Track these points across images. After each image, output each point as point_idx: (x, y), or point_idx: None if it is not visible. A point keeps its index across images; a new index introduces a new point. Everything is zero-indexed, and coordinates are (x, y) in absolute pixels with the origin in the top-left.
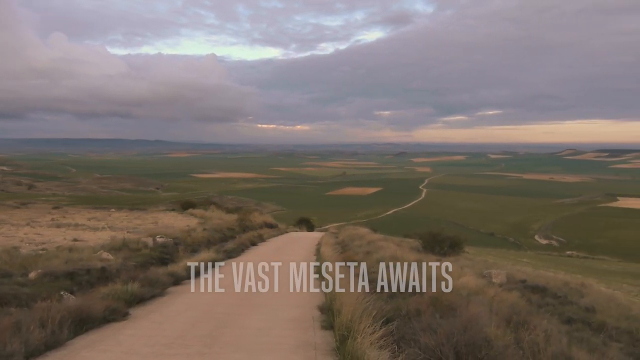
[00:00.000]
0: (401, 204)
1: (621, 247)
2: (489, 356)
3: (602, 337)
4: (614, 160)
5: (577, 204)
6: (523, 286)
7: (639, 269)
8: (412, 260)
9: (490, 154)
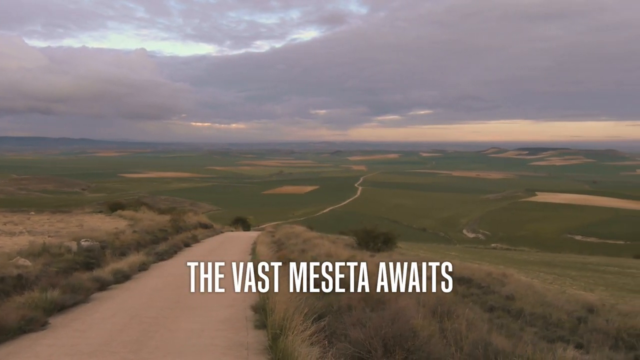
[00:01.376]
0: (337, 202)
1: (540, 238)
2: (415, 346)
3: (519, 322)
4: (533, 158)
5: (501, 199)
6: (450, 278)
7: (554, 259)
8: (345, 257)
9: (422, 152)
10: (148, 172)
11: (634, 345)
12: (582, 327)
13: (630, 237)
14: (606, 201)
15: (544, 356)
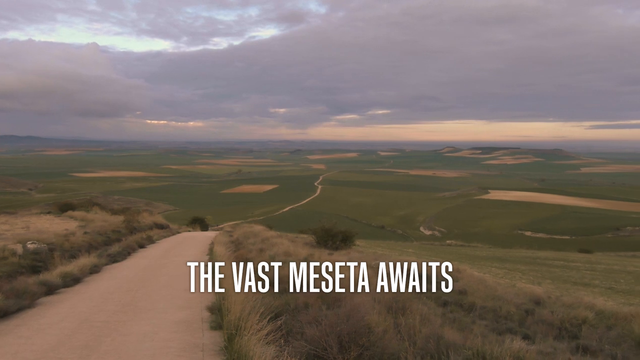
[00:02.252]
0: (297, 201)
1: (492, 234)
2: (370, 342)
3: (471, 316)
4: (486, 157)
5: (456, 197)
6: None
7: (505, 254)
8: (304, 255)
9: (380, 151)
10: (101, 171)
11: (576, 334)
12: (530, 319)
13: (575, 232)
14: (553, 198)
15: (492, 348)
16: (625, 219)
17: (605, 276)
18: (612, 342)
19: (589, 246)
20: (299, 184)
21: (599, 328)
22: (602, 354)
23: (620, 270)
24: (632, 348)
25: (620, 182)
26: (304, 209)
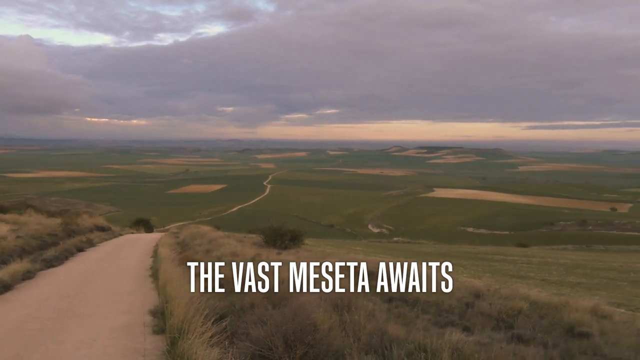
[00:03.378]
0: (246, 200)
1: (437, 231)
2: (315, 340)
3: (415, 310)
4: (431, 156)
5: (403, 195)
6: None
7: (449, 250)
8: (251, 255)
9: (329, 151)
10: (37, 171)
11: (512, 324)
12: (470, 312)
13: (513, 228)
14: (494, 196)
15: (433, 340)
16: (558, 214)
17: (539, 268)
18: (544, 330)
19: (526, 240)
20: (248, 184)
21: (533, 318)
22: (535, 342)
23: (553, 263)
24: (561, 335)
25: (554, 179)
26: (253, 208)
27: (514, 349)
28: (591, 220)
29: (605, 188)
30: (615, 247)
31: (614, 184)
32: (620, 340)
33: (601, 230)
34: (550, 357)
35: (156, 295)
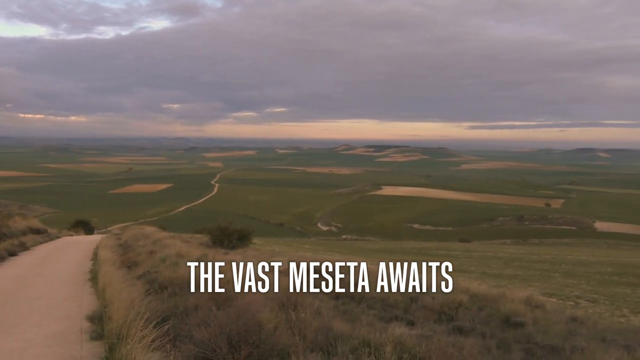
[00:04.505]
0: (193, 200)
1: (384, 228)
2: (260, 339)
3: (362, 306)
4: (378, 155)
5: (351, 193)
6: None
7: (395, 246)
8: (197, 256)
9: (278, 149)
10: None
11: (453, 317)
12: (414, 306)
13: (456, 224)
14: (438, 193)
15: (377, 335)
16: (497, 210)
17: (480, 262)
18: (482, 321)
19: (468, 236)
20: (195, 183)
21: (472, 310)
22: (474, 333)
23: (492, 257)
24: (498, 325)
25: (493, 177)
26: (200, 208)
27: (453, 341)
28: (527, 216)
29: (540, 185)
30: (549, 241)
31: (548, 181)
32: (551, 328)
33: (536, 225)
34: (487, 347)
35: (95, 300)
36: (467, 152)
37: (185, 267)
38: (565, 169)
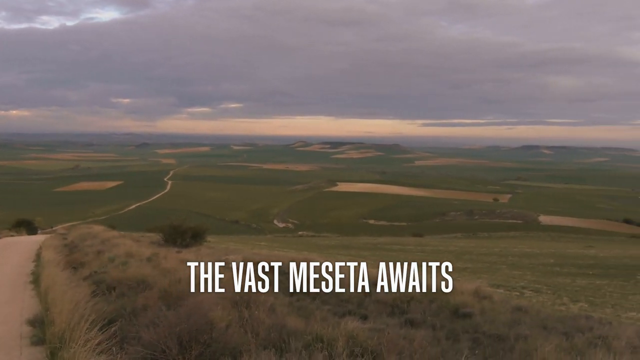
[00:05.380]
0: (145, 198)
1: (340, 224)
2: (212, 338)
3: (316, 302)
4: (334, 152)
5: (307, 189)
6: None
7: (351, 242)
8: (147, 255)
9: (234, 145)
10: None
11: (405, 309)
12: (367, 300)
13: (410, 219)
14: (393, 189)
15: (330, 330)
16: (449, 205)
17: (432, 256)
18: (433, 313)
19: (421, 230)
20: (147, 180)
21: (424, 302)
22: (425, 324)
23: (444, 250)
24: (448, 317)
25: (446, 173)
26: (152, 206)
27: (404, 333)
28: (477, 210)
29: (489, 181)
30: (497, 234)
31: (496, 177)
32: (498, 318)
33: (485, 219)
34: (437, 338)
35: (37, 303)
36: (421, 148)
37: (136, 267)
38: (512, 165)
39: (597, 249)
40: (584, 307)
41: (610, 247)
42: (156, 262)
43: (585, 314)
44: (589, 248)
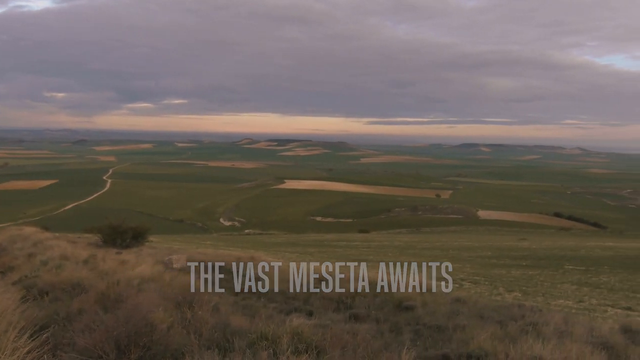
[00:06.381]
0: (83, 197)
1: (288, 221)
2: (153, 341)
3: (263, 300)
4: (281, 149)
5: (255, 187)
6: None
7: (298, 239)
8: (84, 257)
9: (178, 143)
10: None
11: (351, 305)
12: (314, 297)
13: (356, 216)
14: (339, 186)
15: (274, 328)
16: (394, 201)
17: (377, 251)
18: (377, 307)
19: (367, 227)
20: (85, 178)
21: (368, 297)
22: (369, 318)
23: (389, 246)
24: (391, 310)
25: (390, 170)
26: (91, 205)
27: (349, 328)
28: (421, 206)
29: (431, 177)
30: (439, 229)
31: (439, 174)
32: (438, 310)
33: (428, 215)
34: (380, 331)
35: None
36: (366, 146)
37: (71, 269)
38: (453, 162)
39: (530, 241)
40: (518, 297)
41: (542, 239)
42: (94, 264)
43: (519, 303)
44: (523, 240)
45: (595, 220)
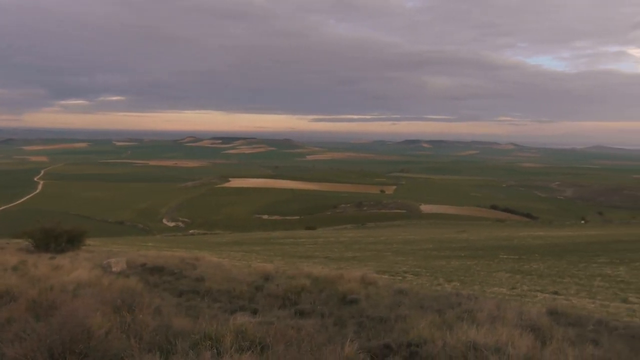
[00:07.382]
0: (11, 200)
1: (233, 220)
2: (90, 347)
3: (207, 301)
4: (226, 147)
5: (199, 186)
6: (142, 269)
7: (243, 237)
8: (13, 263)
9: (116, 141)
10: None
11: (296, 301)
12: (259, 294)
13: (303, 213)
14: (285, 183)
15: (218, 327)
16: (339, 198)
17: (323, 248)
18: (322, 302)
19: (313, 223)
20: (13, 180)
21: (314, 292)
22: (314, 314)
23: (335, 242)
24: (336, 304)
25: (335, 167)
26: (20, 209)
27: (294, 323)
28: (366, 202)
29: (376, 173)
30: (384, 224)
31: (383, 170)
32: (381, 302)
33: (373, 210)
34: (325, 325)
35: None
36: (312, 143)
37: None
38: (397, 158)
39: (468, 233)
40: (457, 286)
41: (480, 230)
42: (24, 271)
43: (457, 292)
44: (462, 233)
45: (528, 212)
